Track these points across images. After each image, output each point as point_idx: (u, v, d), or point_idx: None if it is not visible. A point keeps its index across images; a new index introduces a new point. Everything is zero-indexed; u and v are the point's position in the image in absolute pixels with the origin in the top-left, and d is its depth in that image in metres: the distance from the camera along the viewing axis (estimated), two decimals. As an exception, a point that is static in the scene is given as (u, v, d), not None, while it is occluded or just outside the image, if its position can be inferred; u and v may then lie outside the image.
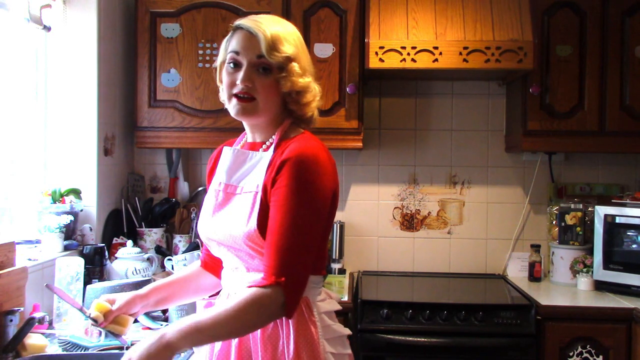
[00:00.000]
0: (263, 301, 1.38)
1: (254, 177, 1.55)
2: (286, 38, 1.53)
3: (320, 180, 1.47)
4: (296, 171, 1.44)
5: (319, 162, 1.48)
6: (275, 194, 1.46)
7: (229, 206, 1.57)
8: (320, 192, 1.47)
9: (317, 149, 1.50)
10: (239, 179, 1.59)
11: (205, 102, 2.89)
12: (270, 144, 1.57)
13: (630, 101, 2.87)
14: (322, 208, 1.49)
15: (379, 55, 2.69)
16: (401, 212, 3.30)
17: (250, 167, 1.57)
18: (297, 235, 1.42)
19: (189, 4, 2.89)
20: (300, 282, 1.44)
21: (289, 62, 1.52)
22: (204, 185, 3.28)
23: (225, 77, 1.56)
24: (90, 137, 2.72)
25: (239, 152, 1.62)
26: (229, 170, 1.61)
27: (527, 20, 2.70)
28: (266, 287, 1.39)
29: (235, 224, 1.52)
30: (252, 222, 1.48)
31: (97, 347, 1.84)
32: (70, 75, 2.69)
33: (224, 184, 1.61)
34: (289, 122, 1.59)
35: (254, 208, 1.50)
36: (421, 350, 2.58)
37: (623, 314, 2.59)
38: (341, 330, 1.59)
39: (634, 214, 2.79)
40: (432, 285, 3.14)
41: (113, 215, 2.88)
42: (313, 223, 1.46)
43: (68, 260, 2.23)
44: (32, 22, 2.37)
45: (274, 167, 1.49)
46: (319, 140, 1.56)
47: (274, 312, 1.41)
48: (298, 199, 1.43)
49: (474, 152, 3.28)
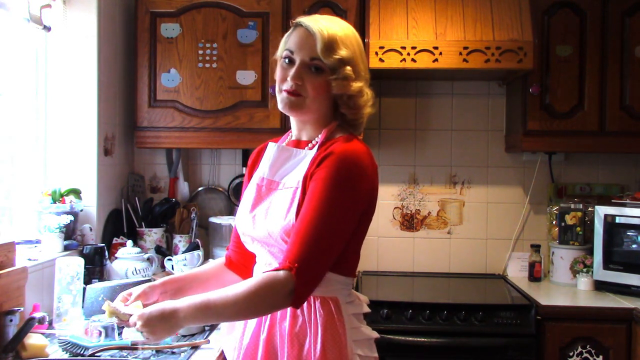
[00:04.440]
0: (272, 284, 1.39)
1: (296, 173, 1.56)
2: (343, 41, 1.53)
3: (357, 180, 1.47)
4: (336, 166, 1.45)
5: (359, 163, 1.48)
6: (312, 184, 1.47)
7: (269, 201, 1.58)
8: (355, 192, 1.47)
9: (360, 150, 1.51)
10: (281, 175, 1.60)
11: (205, 102, 2.89)
12: (315, 143, 1.58)
13: (630, 101, 2.87)
14: (354, 208, 1.48)
15: (379, 55, 2.69)
16: (401, 212, 3.30)
17: (294, 164, 1.58)
18: (322, 229, 1.42)
19: (189, 4, 2.89)
20: (314, 274, 1.43)
21: (343, 65, 1.52)
22: (204, 185, 3.29)
23: (279, 72, 1.58)
24: (90, 137, 2.72)
25: (283, 148, 1.62)
26: (272, 166, 1.62)
27: (527, 20, 2.70)
28: (278, 271, 1.40)
29: (274, 219, 1.52)
30: (291, 216, 1.49)
31: (97, 347, 1.84)
32: (70, 75, 2.69)
33: (267, 180, 1.62)
34: (336, 124, 1.60)
35: (294, 202, 1.50)
36: (421, 350, 2.58)
37: (623, 314, 2.59)
38: (369, 333, 1.59)
39: (634, 214, 2.79)
40: (432, 285, 3.14)
41: (113, 215, 2.88)
42: (341, 220, 1.46)
43: (68, 260, 2.23)
44: (32, 22, 2.36)
45: (315, 162, 1.50)
46: (364, 144, 1.56)
47: (280, 298, 1.40)
48: (332, 194, 1.44)
49: (474, 152, 3.28)
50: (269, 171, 1.62)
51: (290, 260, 1.40)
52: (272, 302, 1.42)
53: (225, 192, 3.25)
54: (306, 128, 1.62)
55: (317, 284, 1.46)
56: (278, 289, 1.39)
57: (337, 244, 1.47)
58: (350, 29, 1.59)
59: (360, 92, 1.56)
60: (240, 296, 1.39)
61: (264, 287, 1.39)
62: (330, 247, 1.45)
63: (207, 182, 3.30)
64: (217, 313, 1.41)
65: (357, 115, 1.59)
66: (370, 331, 1.60)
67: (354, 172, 1.47)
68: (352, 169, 1.47)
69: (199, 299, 1.42)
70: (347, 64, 1.52)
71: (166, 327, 1.39)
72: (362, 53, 1.59)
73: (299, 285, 1.39)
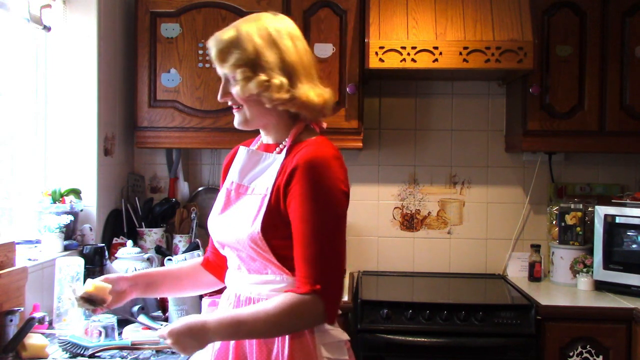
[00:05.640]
0: (302, 308, 1.41)
1: (264, 179, 1.54)
2: (238, 42, 1.48)
3: (332, 184, 1.45)
4: (308, 178, 1.43)
5: (329, 167, 1.45)
6: (291, 204, 1.45)
7: (237, 206, 1.57)
8: (334, 196, 1.45)
9: (327, 154, 1.47)
10: (250, 179, 1.58)
11: (205, 102, 2.89)
12: (283, 146, 1.55)
13: (630, 101, 2.87)
14: (340, 211, 1.48)
15: (379, 55, 2.69)
16: (401, 212, 3.30)
17: (263, 168, 1.56)
18: (320, 243, 1.42)
19: (189, 4, 2.89)
20: (336, 287, 1.45)
21: (237, 68, 1.47)
22: (204, 185, 3.29)
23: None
24: (90, 137, 2.72)
25: (253, 152, 1.61)
26: (241, 170, 1.61)
27: (527, 21, 2.70)
28: (304, 295, 1.41)
29: (241, 225, 1.51)
30: (257, 225, 1.47)
31: (97, 347, 1.84)
32: (70, 75, 2.69)
33: (236, 184, 1.61)
34: (303, 126, 1.56)
35: (260, 210, 1.49)
36: (421, 350, 2.58)
37: (623, 314, 2.59)
38: (339, 335, 1.55)
39: (634, 214, 2.79)
40: (432, 285, 3.14)
41: (113, 215, 2.88)
42: (334, 227, 1.45)
43: (68, 260, 2.23)
44: (32, 22, 2.37)
45: (284, 173, 1.48)
46: (332, 145, 1.52)
47: (316, 319, 1.44)
48: (314, 206, 1.43)
49: (474, 152, 3.28)
50: (238, 175, 1.61)
51: (309, 283, 1.41)
52: (307, 324, 1.45)
53: (225, 192, 3.24)
54: (270, 133, 1.59)
55: (342, 293, 1.49)
56: (310, 310, 1.41)
57: (340, 250, 1.48)
58: (255, 23, 1.51)
59: (267, 87, 1.46)
60: (273, 317, 1.41)
61: (296, 309, 1.41)
62: (336, 256, 1.46)
63: (207, 182, 3.30)
64: (249, 331, 1.44)
65: (289, 106, 1.50)
66: (341, 333, 1.56)
67: (327, 176, 1.44)
68: (324, 174, 1.44)
69: (228, 316, 1.47)
70: (242, 66, 1.47)
71: (195, 343, 1.44)
72: (271, 43, 1.49)
73: (329, 304, 1.42)
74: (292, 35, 1.53)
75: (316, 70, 1.57)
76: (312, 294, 1.40)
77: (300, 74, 1.51)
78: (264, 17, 1.54)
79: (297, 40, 1.54)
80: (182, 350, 1.45)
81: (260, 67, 1.47)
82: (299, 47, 1.53)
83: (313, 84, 1.54)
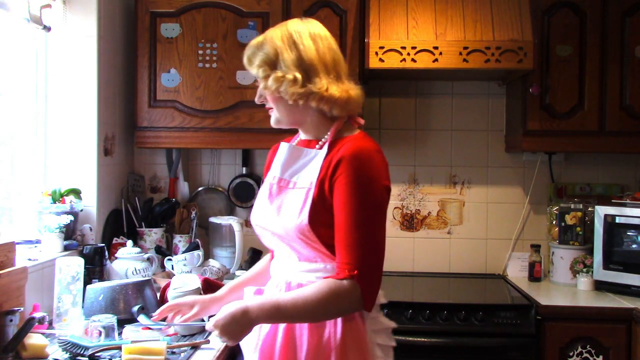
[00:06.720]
0: (340, 292, 1.46)
1: (307, 173, 1.60)
2: (262, 45, 1.61)
3: (375, 175, 1.53)
4: (353, 169, 1.51)
5: (372, 159, 1.54)
6: (336, 193, 1.52)
7: (282, 199, 1.63)
8: (377, 188, 1.53)
9: (370, 147, 1.56)
10: (292, 173, 1.64)
11: (205, 102, 2.89)
12: (324, 142, 1.62)
13: (630, 101, 2.87)
14: (382, 202, 1.55)
15: (379, 55, 2.69)
16: (401, 212, 3.30)
17: (304, 163, 1.63)
18: (361, 231, 1.49)
19: (189, 4, 2.89)
20: (374, 274, 1.51)
21: (261, 69, 1.59)
22: (204, 185, 3.29)
23: None
24: (90, 137, 2.72)
25: (294, 148, 1.67)
26: (283, 165, 1.67)
27: (527, 20, 2.70)
28: (342, 280, 1.46)
29: (288, 217, 1.58)
30: (303, 216, 1.54)
31: (97, 347, 1.84)
32: (70, 75, 2.69)
33: (278, 178, 1.67)
34: (342, 122, 1.64)
35: (306, 203, 1.55)
36: (421, 350, 2.58)
37: (623, 314, 2.59)
38: (387, 322, 1.65)
39: (634, 214, 2.79)
40: (432, 285, 3.14)
41: (113, 215, 2.88)
42: (375, 217, 1.52)
43: (68, 260, 2.23)
44: (32, 22, 2.36)
45: (329, 165, 1.55)
46: (373, 141, 1.60)
47: (352, 305, 1.49)
48: (358, 195, 1.50)
49: (474, 152, 3.28)
50: (280, 170, 1.67)
51: (347, 269, 1.47)
52: (345, 309, 1.50)
53: (225, 192, 3.25)
54: (308, 131, 1.68)
55: (380, 282, 1.54)
56: (348, 296, 1.47)
57: (380, 240, 1.54)
58: (280, 28, 1.63)
59: (282, 81, 1.56)
60: (311, 302, 1.47)
61: (334, 295, 1.47)
62: (376, 245, 1.52)
63: (207, 182, 3.30)
64: (288, 316, 1.50)
65: (309, 100, 1.58)
66: (388, 321, 1.66)
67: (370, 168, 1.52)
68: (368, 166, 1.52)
69: (269, 300, 1.53)
70: (262, 65, 1.58)
71: (240, 328, 1.50)
72: (291, 44, 1.59)
73: (366, 291, 1.48)
74: (315, 36, 1.61)
75: (343, 68, 1.66)
76: (349, 279, 1.46)
77: (318, 70, 1.59)
78: (290, 22, 1.64)
79: (320, 39, 1.62)
80: (231, 339, 1.51)
81: (278, 65, 1.58)
82: (320, 46, 1.61)
83: (336, 80, 1.61)
